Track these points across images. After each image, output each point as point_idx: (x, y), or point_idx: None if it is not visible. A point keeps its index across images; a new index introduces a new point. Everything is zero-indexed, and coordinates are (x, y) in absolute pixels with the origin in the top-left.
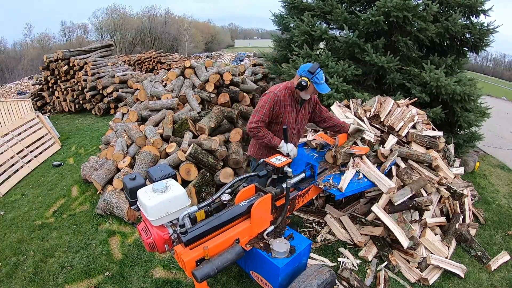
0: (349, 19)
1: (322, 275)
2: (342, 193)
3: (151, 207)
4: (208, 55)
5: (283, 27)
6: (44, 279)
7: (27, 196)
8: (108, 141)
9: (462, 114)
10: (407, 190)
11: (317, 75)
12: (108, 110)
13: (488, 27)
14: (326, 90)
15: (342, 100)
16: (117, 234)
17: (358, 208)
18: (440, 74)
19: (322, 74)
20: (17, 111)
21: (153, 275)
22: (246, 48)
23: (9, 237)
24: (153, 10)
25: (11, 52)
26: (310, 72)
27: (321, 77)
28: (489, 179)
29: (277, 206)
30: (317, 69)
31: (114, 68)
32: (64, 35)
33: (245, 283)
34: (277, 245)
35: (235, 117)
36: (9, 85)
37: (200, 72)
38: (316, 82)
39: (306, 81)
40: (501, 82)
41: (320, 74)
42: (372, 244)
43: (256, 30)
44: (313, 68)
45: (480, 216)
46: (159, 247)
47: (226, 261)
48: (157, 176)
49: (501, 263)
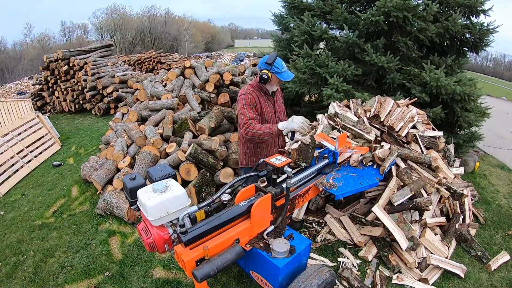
0: (349, 19)
1: (322, 275)
2: (341, 193)
3: (151, 207)
4: (208, 55)
5: (283, 27)
6: (44, 279)
7: (27, 196)
8: (108, 141)
9: (462, 114)
10: (407, 191)
11: (276, 65)
12: (108, 110)
13: (488, 27)
14: (289, 77)
15: (342, 100)
16: (117, 234)
17: (358, 208)
18: (440, 74)
19: (281, 62)
20: (17, 111)
21: (153, 275)
22: (246, 48)
23: (9, 237)
24: (153, 10)
25: (11, 52)
26: (268, 63)
27: (281, 65)
28: (489, 179)
29: (277, 206)
30: (274, 59)
31: (114, 68)
32: (64, 35)
33: (245, 283)
34: (277, 245)
35: (235, 117)
36: (9, 85)
37: (200, 72)
38: (277, 72)
39: (266, 73)
40: (501, 82)
41: (279, 63)
42: (372, 244)
43: (256, 30)
44: (271, 58)
45: (480, 216)
46: (159, 247)
47: (226, 261)
48: (157, 176)
49: (501, 263)
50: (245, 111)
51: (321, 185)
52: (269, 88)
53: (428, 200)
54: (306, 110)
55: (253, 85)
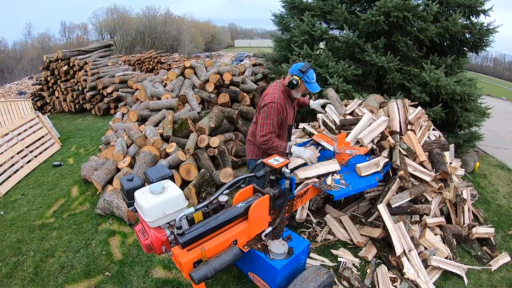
0: (349, 19)
1: (320, 277)
2: (341, 194)
3: (148, 208)
4: (208, 55)
5: (283, 27)
6: (44, 279)
7: (27, 196)
8: (108, 141)
9: (462, 114)
10: (406, 194)
11: (308, 74)
12: (108, 110)
13: (488, 27)
14: (316, 89)
15: (342, 100)
16: (117, 234)
17: (358, 208)
18: (440, 74)
19: (313, 74)
20: (17, 111)
21: (153, 275)
22: (246, 48)
23: (9, 237)
24: (153, 10)
25: (11, 52)
26: (302, 71)
27: (312, 76)
28: (489, 179)
29: (275, 207)
30: (308, 68)
31: (114, 68)
32: (64, 35)
33: (245, 283)
34: (275, 247)
35: (235, 117)
36: (9, 85)
37: (200, 72)
38: (307, 81)
39: (297, 80)
40: (501, 82)
41: (311, 73)
42: (371, 245)
43: (256, 30)
44: (305, 67)
45: (480, 216)
46: (157, 248)
47: (223, 262)
48: (154, 177)
49: (501, 264)
50: (270, 122)
51: (321, 186)
52: (294, 94)
53: (427, 208)
54: (306, 110)
55: (282, 91)
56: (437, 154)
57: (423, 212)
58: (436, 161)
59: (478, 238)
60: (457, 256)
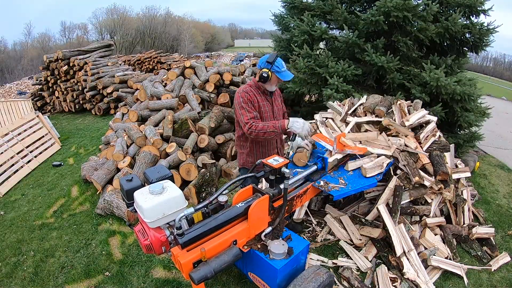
0: (349, 19)
1: (319, 277)
2: (340, 194)
3: (148, 209)
4: (208, 55)
5: (283, 27)
6: (44, 279)
7: (27, 196)
8: (108, 141)
9: (462, 114)
10: (405, 195)
11: (277, 64)
12: (108, 110)
13: (488, 27)
14: (289, 76)
15: (342, 100)
16: (117, 234)
17: (358, 208)
18: (440, 74)
19: (281, 62)
20: (17, 111)
21: (153, 275)
22: (246, 48)
23: (9, 237)
24: (153, 10)
25: (11, 52)
26: (269, 62)
27: (281, 65)
28: (489, 179)
29: (275, 207)
30: (275, 58)
31: (114, 68)
32: (64, 35)
33: (245, 283)
34: (275, 247)
35: (235, 116)
36: (9, 85)
37: (200, 72)
38: (277, 71)
39: (266, 72)
40: (501, 82)
41: (279, 62)
42: (371, 245)
43: (256, 30)
44: (271, 57)
45: (480, 216)
46: (156, 249)
47: (223, 263)
48: (154, 178)
49: (501, 264)
50: (244, 110)
51: (320, 186)
52: (268, 87)
53: (427, 209)
54: (306, 110)
55: (251, 84)
56: (437, 156)
57: (423, 213)
58: (436, 163)
59: (478, 238)
60: (457, 256)
